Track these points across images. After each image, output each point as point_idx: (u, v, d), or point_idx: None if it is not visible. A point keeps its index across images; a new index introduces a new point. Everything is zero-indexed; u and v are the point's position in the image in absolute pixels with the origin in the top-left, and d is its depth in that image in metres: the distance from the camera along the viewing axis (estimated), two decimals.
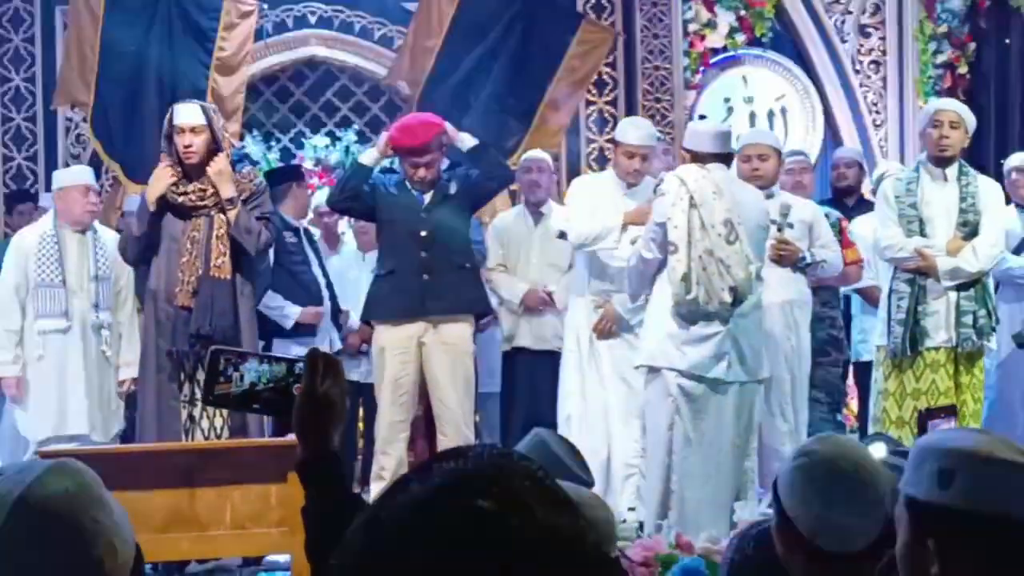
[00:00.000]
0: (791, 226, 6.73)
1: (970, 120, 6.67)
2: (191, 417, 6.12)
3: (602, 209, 6.72)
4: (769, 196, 6.64)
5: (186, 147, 6.20)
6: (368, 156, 6.90)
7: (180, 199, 6.22)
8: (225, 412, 5.93)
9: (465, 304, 6.80)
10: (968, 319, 6.46)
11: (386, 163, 8.08)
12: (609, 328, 6.78)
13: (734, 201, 5.98)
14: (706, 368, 6.01)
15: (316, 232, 8.00)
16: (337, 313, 7.69)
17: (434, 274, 6.66)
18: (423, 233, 6.68)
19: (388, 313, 6.75)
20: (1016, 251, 7.48)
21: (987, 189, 6.67)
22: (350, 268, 8.01)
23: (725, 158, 6.17)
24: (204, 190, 6.20)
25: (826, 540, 2.61)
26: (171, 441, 5.97)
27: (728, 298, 5.92)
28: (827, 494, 2.60)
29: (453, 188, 6.76)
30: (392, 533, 1.21)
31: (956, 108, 6.72)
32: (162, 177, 6.23)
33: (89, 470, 1.90)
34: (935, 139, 6.56)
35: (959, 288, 6.46)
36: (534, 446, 4.16)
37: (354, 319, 7.74)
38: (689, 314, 5.98)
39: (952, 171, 6.59)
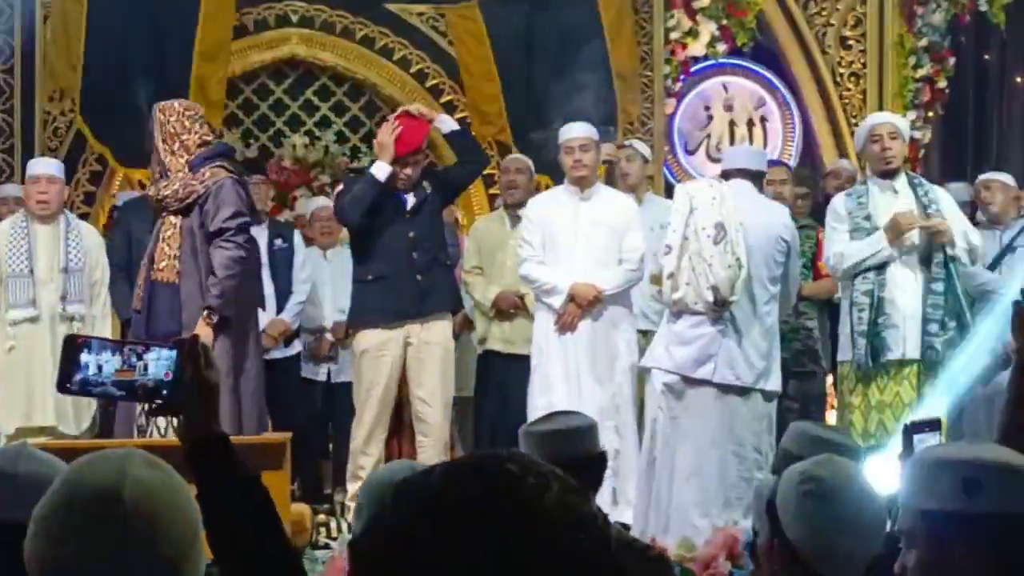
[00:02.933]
0: None
1: (906, 129, 6.81)
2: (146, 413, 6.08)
3: (558, 223, 6.79)
4: None
5: None
6: (381, 170, 6.66)
7: (147, 192, 6.27)
8: None
9: (450, 301, 6.89)
10: (933, 327, 6.47)
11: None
12: (574, 319, 6.73)
13: (739, 211, 6.08)
14: (691, 368, 6.10)
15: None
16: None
17: (425, 274, 6.67)
18: (411, 235, 6.68)
19: (382, 318, 6.71)
20: (991, 267, 7.50)
21: (944, 196, 6.73)
22: (314, 268, 7.97)
23: (755, 176, 6.38)
24: (159, 190, 6.17)
25: (830, 566, 2.60)
26: (128, 437, 5.92)
27: (709, 297, 5.96)
28: (835, 521, 2.59)
29: (429, 188, 6.76)
30: (420, 491, 1.28)
31: (890, 119, 6.81)
32: None
33: (147, 456, 1.87)
34: (878, 153, 6.62)
35: (927, 295, 6.48)
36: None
37: (328, 314, 7.75)
38: (677, 314, 6.14)
39: (900, 182, 6.63)
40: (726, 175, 6.41)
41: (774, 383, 6.20)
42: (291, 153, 9.45)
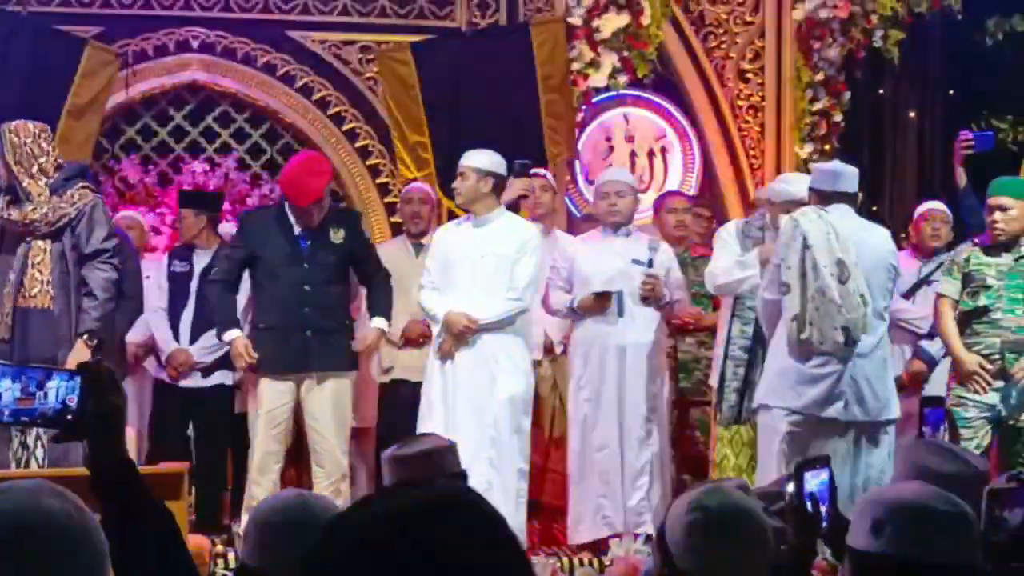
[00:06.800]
0: (651, 264, 6.84)
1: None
2: (24, 445, 5.96)
3: (455, 250, 6.78)
4: (627, 234, 6.81)
5: None
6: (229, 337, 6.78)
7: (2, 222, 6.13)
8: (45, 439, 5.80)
9: (347, 363, 6.79)
10: None
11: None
12: (451, 346, 6.67)
13: (851, 240, 6.00)
14: (820, 407, 6.05)
15: None
16: None
17: (317, 331, 6.62)
18: (306, 288, 6.62)
19: (271, 367, 6.69)
20: (906, 295, 7.59)
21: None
22: None
23: (850, 198, 6.20)
24: (25, 215, 6.07)
25: None
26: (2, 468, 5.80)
27: (840, 338, 5.93)
28: (725, 551, 2.61)
29: (339, 237, 6.69)
30: (345, 547, 1.27)
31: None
32: None
33: (55, 487, 1.83)
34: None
35: None
36: None
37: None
38: (804, 353, 6.02)
39: None
40: (822, 198, 6.18)
41: (895, 410, 6.21)
42: (190, 180, 9.35)
